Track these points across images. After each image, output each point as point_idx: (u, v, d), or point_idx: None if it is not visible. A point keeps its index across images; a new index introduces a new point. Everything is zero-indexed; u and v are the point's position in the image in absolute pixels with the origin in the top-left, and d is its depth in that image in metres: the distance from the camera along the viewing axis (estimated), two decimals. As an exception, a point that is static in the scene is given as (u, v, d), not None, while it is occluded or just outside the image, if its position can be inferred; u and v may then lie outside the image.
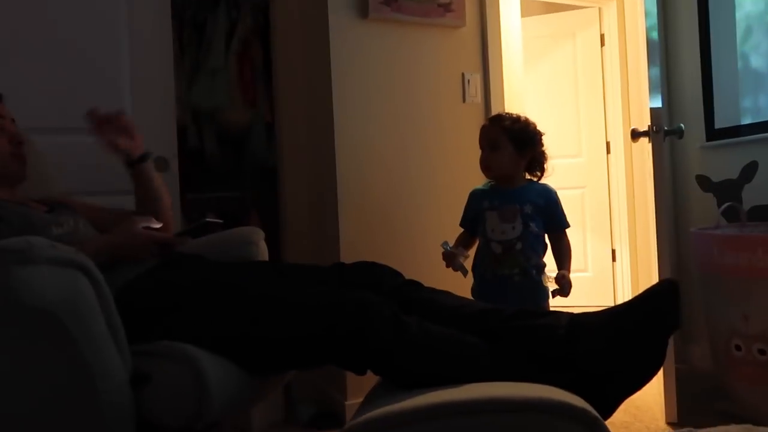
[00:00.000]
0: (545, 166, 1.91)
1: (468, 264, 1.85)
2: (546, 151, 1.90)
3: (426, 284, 1.48)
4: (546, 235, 1.88)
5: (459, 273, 1.80)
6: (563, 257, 1.86)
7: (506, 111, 1.97)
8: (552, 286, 1.80)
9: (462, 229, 1.98)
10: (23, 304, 0.96)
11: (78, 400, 1.06)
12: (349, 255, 2.17)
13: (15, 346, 1.05)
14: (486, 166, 1.89)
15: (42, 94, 2.16)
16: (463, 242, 1.95)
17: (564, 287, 1.77)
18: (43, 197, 1.66)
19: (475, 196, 1.95)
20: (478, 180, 2.01)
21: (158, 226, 1.45)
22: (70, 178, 1.98)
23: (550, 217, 1.86)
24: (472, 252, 1.93)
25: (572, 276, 1.83)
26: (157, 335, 1.18)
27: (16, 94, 1.66)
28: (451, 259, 1.79)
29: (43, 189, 1.74)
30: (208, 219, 1.57)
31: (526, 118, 1.90)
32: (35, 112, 2.07)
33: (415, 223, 2.32)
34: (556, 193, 1.89)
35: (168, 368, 1.12)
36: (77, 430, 1.07)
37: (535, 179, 1.92)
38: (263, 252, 1.75)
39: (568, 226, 1.89)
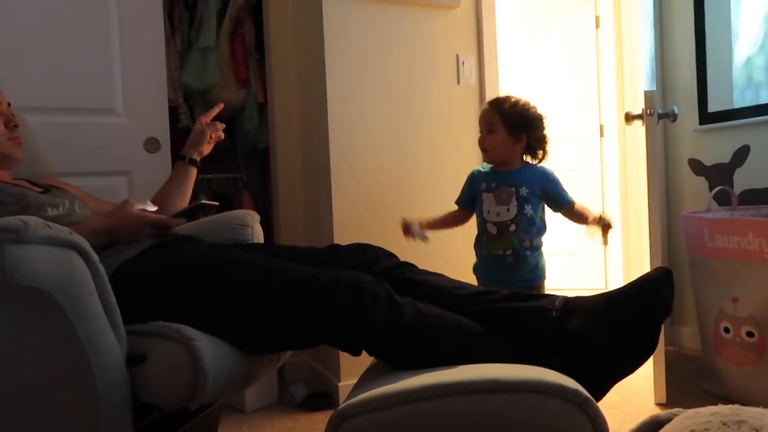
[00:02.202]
0: (546, 149, 1.92)
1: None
2: (547, 135, 1.92)
3: (420, 266, 1.49)
4: (544, 217, 1.91)
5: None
6: (584, 214, 1.89)
7: (508, 94, 1.97)
8: (594, 232, 1.83)
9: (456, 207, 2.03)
10: (17, 283, 0.96)
11: (73, 378, 1.06)
12: (342, 236, 2.17)
13: (10, 324, 1.05)
14: (483, 148, 1.92)
15: (30, 74, 2.13)
16: (450, 218, 2.02)
17: (603, 221, 1.81)
18: (35, 177, 1.66)
19: (474, 177, 1.98)
20: (472, 161, 2.01)
21: (154, 209, 1.46)
22: (58, 158, 1.97)
23: (553, 198, 1.89)
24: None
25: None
26: (153, 316, 1.18)
27: (5, 74, 1.65)
28: (408, 229, 1.92)
29: (33, 169, 1.73)
30: (203, 201, 1.57)
31: (526, 102, 1.90)
32: (23, 92, 2.05)
33: (408, 204, 2.32)
34: (553, 173, 1.91)
35: (164, 348, 1.12)
36: (73, 409, 1.08)
37: (535, 162, 1.93)
38: (258, 235, 1.76)
39: (571, 202, 1.91)
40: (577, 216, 1.91)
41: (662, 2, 2.76)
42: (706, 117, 2.58)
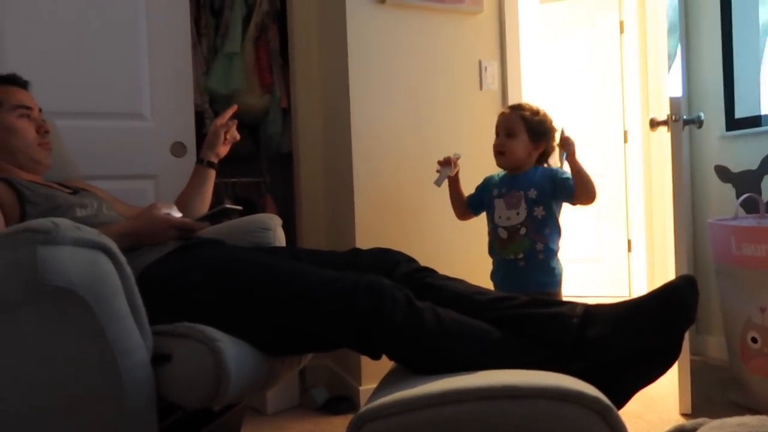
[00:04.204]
0: (550, 161, 1.94)
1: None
2: (555, 146, 1.92)
3: (440, 272, 1.49)
4: (558, 218, 1.88)
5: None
6: (576, 174, 1.79)
7: (527, 102, 1.97)
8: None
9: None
10: (48, 283, 0.99)
11: (100, 377, 1.08)
12: (363, 241, 2.18)
13: (40, 323, 1.08)
14: (500, 151, 1.90)
15: (60, 79, 2.18)
16: (462, 201, 2.03)
17: (565, 142, 1.78)
18: (65, 180, 1.70)
19: (488, 184, 1.99)
20: (493, 167, 2.01)
21: (179, 215, 1.49)
22: (87, 162, 2.01)
23: (562, 185, 1.83)
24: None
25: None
26: (177, 317, 1.21)
27: (36, 79, 1.68)
28: (446, 164, 1.93)
29: (62, 172, 1.77)
30: (227, 205, 1.59)
31: (545, 112, 1.92)
32: (54, 97, 2.09)
33: (430, 210, 2.33)
34: (558, 169, 1.88)
35: (187, 348, 1.14)
36: (99, 407, 1.10)
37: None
38: (280, 238, 1.78)
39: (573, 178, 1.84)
40: (578, 181, 1.78)
41: (688, 6, 2.72)
42: (733, 123, 2.54)
